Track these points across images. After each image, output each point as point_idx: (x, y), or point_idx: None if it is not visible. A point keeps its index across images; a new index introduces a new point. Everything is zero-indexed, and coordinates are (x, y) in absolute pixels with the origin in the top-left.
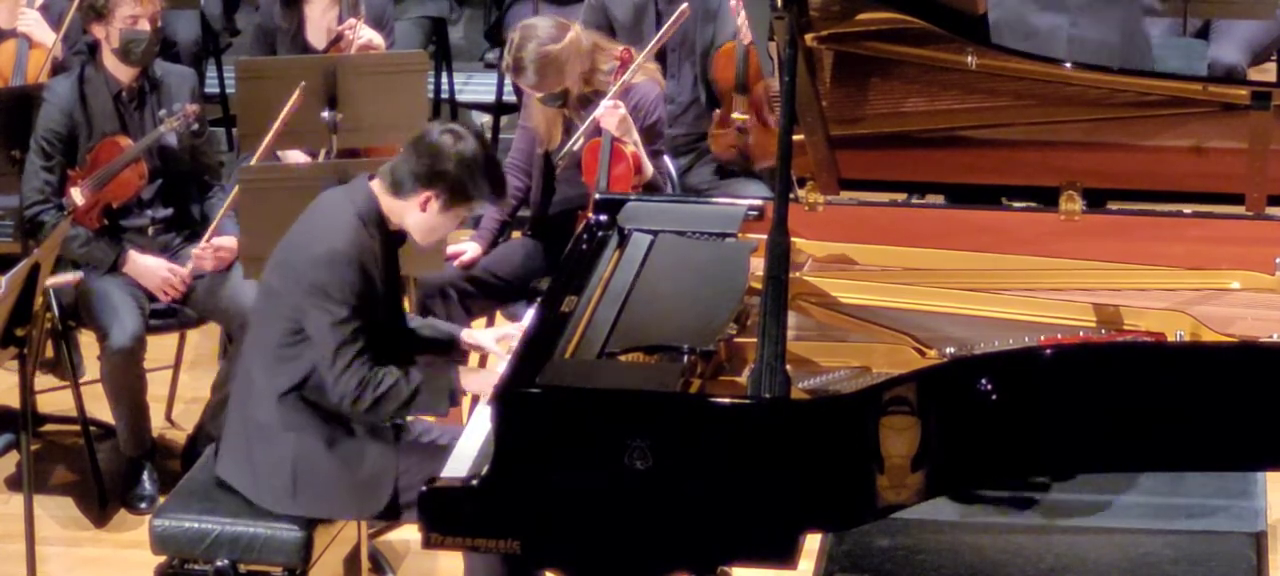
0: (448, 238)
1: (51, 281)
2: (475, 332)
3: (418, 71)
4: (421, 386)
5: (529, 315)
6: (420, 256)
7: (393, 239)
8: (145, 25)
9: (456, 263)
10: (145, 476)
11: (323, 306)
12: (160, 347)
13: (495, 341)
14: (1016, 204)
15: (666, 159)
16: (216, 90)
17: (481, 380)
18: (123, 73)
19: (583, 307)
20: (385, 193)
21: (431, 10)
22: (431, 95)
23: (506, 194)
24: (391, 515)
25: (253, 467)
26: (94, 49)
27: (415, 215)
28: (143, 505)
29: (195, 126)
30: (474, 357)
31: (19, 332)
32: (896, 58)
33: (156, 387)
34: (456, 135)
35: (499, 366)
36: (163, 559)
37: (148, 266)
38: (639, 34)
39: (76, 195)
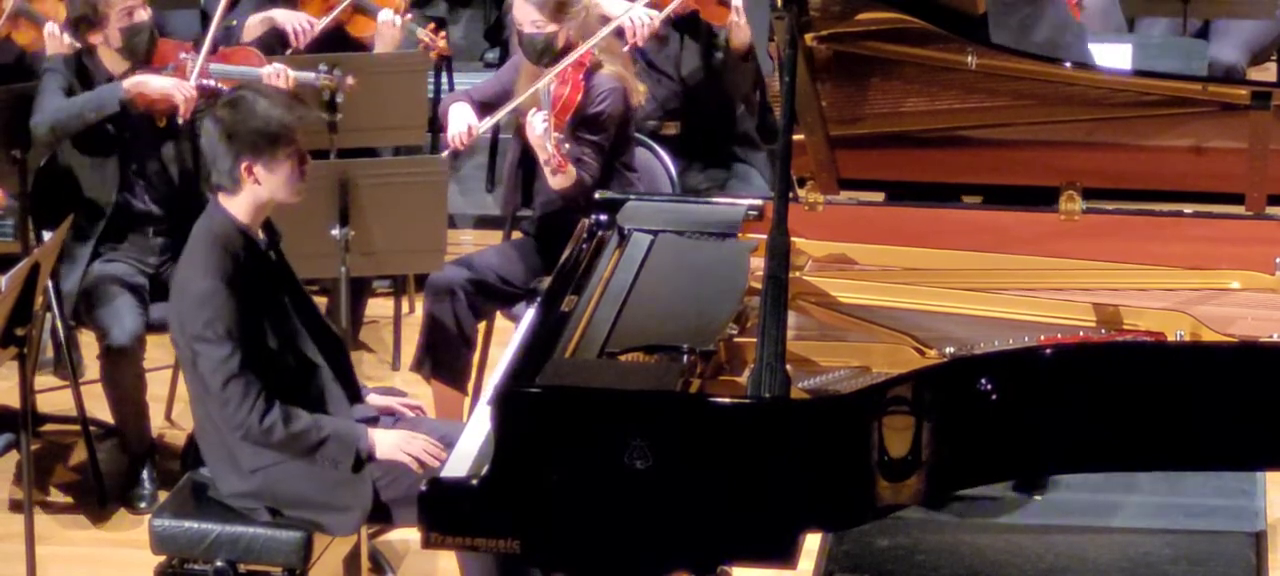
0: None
1: None
2: (379, 401)
3: (418, 71)
4: (330, 437)
5: (529, 315)
6: (421, 256)
7: (266, 240)
8: (142, 15)
9: (455, 137)
10: (145, 476)
11: (206, 348)
12: (160, 347)
13: (395, 448)
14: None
15: (607, 161)
16: None
17: (390, 447)
18: (118, 66)
19: (583, 307)
20: (226, 199)
21: (431, 10)
22: (432, 95)
23: (293, 108)
24: (381, 519)
25: (227, 486)
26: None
27: (257, 190)
28: (143, 505)
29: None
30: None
31: (19, 332)
32: (896, 58)
33: (156, 387)
34: (230, 104)
35: (408, 434)
36: (162, 559)
37: (149, 81)
38: None
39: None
